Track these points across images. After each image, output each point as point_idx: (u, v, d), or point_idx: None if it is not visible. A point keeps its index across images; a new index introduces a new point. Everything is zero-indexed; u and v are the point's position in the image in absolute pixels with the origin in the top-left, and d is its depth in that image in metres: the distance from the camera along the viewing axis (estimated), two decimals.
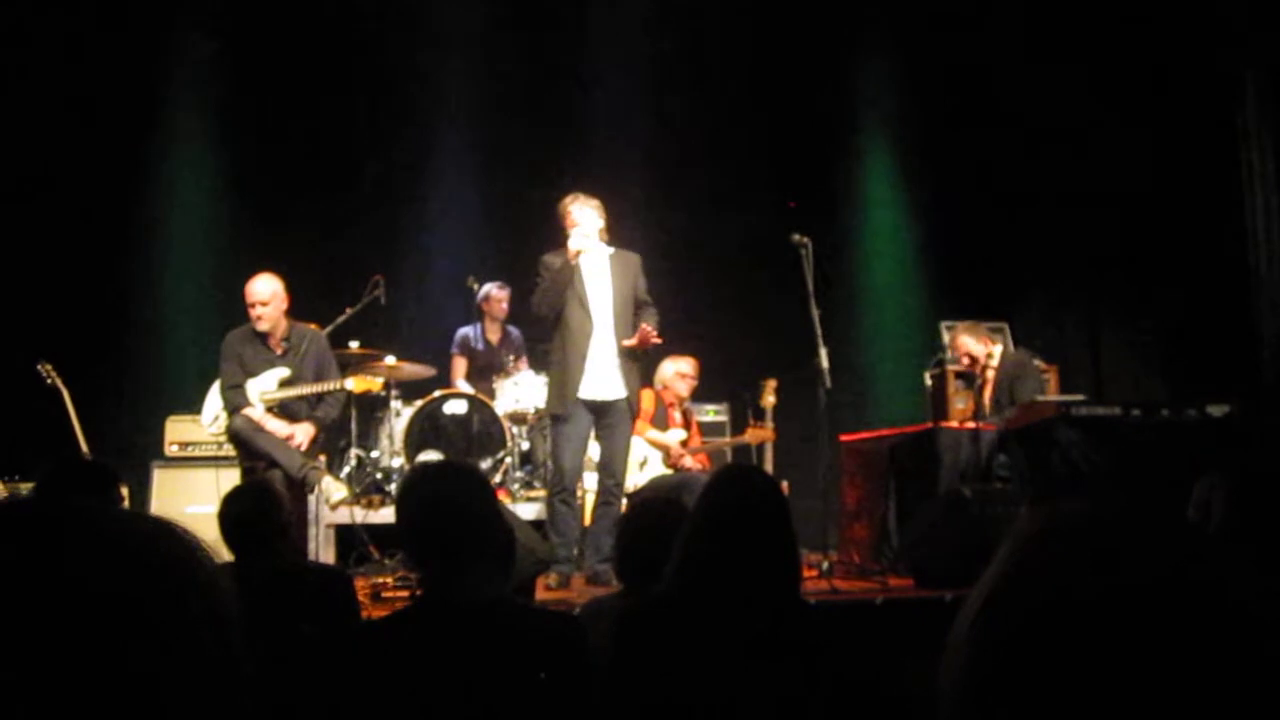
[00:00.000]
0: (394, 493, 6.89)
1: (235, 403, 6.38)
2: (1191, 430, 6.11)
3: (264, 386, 6.41)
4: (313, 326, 6.76)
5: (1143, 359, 8.73)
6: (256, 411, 6.33)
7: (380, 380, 6.88)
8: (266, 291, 6.43)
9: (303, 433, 6.35)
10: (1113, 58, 8.56)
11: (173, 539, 0.82)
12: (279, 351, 6.50)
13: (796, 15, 9.37)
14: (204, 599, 0.80)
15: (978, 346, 7.31)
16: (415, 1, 9.22)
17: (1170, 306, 8.47)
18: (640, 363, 6.38)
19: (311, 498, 6.48)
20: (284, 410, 6.44)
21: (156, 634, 0.76)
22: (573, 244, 6.12)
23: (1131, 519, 0.81)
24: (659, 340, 6.28)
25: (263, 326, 6.43)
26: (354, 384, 6.57)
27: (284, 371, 6.45)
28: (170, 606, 0.78)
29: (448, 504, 2.58)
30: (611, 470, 6.24)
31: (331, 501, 6.42)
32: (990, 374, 7.23)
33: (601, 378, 6.14)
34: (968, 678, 0.80)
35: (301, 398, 6.47)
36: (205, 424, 6.64)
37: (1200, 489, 2.90)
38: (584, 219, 6.18)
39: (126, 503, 6.45)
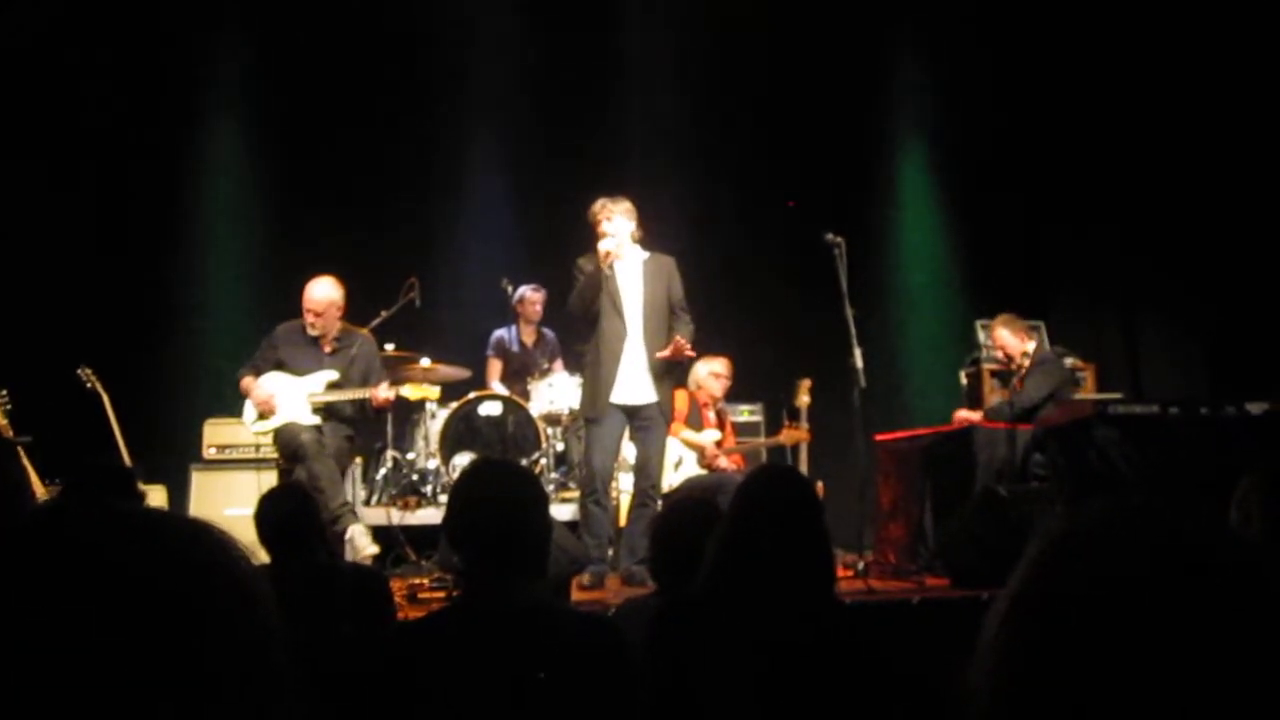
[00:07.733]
0: (449, 488, 6.83)
1: (246, 370, 6.52)
2: (1231, 428, 6.03)
3: (311, 389, 6.43)
4: (364, 331, 6.77)
5: (1181, 356, 8.65)
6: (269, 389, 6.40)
7: (437, 390, 6.83)
8: (323, 301, 6.46)
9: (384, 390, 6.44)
10: (1145, 54, 8.48)
11: (209, 540, 0.83)
12: (328, 350, 6.53)
13: (831, 15, 9.34)
14: (240, 600, 0.81)
15: (1013, 341, 7.27)
16: (452, 4, 9.25)
17: (1208, 302, 8.38)
18: (673, 367, 6.39)
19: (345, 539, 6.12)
20: (329, 411, 6.47)
21: (193, 636, 0.77)
22: (603, 245, 6.15)
23: (1153, 518, 0.81)
24: (692, 354, 6.34)
25: (314, 333, 6.49)
26: (410, 391, 6.57)
27: (332, 374, 6.47)
28: (207, 608, 0.79)
29: (506, 506, 2.56)
30: (647, 473, 6.25)
31: (360, 555, 6.02)
32: (1024, 370, 7.20)
33: (634, 382, 6.16)
34: (997, 677, 0.80)
35: (348, 401, 6.49)
36: (248, 422, 6.64)
37: (1241, 489, 2.85)
38: (616, 227, 6.21)
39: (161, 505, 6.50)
